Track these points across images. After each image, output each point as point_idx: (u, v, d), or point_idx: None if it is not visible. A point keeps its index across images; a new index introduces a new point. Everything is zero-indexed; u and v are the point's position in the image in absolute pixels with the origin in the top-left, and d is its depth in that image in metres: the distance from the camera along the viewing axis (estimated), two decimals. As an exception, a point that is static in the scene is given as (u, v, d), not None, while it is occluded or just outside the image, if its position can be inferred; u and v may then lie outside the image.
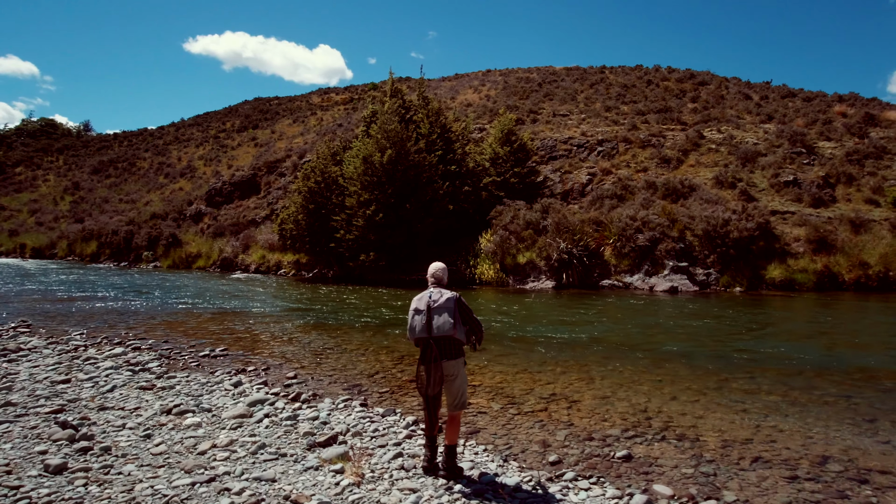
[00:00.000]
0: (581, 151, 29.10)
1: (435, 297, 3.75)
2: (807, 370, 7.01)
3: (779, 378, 6.61)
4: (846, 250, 17.03)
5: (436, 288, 3.86)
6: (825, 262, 16.80)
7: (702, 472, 3.93)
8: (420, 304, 3.78)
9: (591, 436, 4.66)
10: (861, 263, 16.43)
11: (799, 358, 7.71)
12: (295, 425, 4.64)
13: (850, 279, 16.30)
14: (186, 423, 4.59)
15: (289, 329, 10.27)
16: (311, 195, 22.73)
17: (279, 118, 61.92)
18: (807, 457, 4.22)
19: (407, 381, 6.42)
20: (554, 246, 18.98)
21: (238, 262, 28.56)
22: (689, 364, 7.41)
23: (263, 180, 38.02)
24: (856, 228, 18.16)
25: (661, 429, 4.81)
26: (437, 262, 4.06)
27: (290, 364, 7.27)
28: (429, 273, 3.99)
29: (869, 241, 17.28)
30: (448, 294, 3.74)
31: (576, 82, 45.29)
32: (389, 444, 4.26)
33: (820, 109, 32.17)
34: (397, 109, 23.38)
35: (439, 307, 3.67)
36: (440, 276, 3.94)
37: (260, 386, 5.98)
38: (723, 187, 23.20)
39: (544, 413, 5.29)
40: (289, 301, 15.36)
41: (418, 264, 21.95)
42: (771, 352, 8.19)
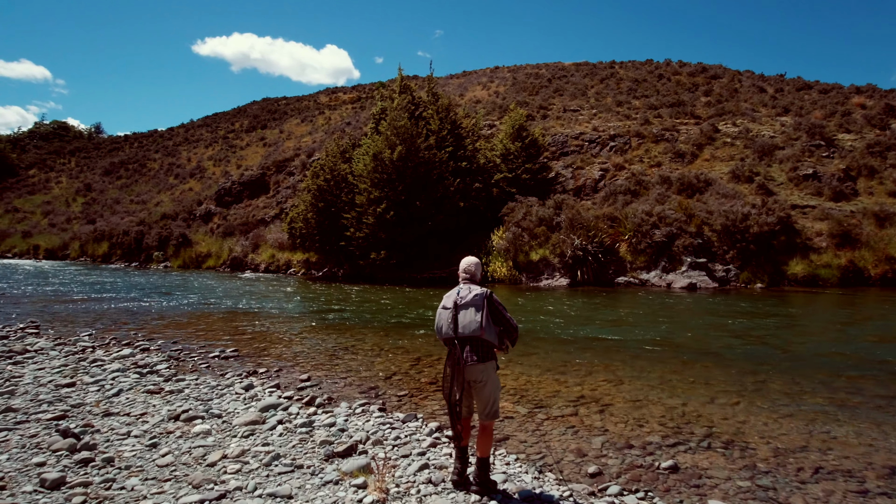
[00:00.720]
0: (593, 147, 28.61)
1: (463, 293, 3.41)
2: (847, 370, 6.60)
3: (819, 379, 6.21)
4: (871, 244, 16.48)
5: (466, 284, 3.53)
6: (849, 256, 16.26)
7: (759, 485, 3.57)
8: (448, 300, 3.46)
9: (630, 443, 4.30)
10: (887, 258, 15.88)
11: (835, 357, 7.30)
12: (311, 433, 4.33)
13: (877, 274, 15.76)
14: (195, 430, 4.29)
15: (300, 329, 9.99)
16: (321, 193, 22.49)
17: (287, 118, 61.88)
18: (871, 468, 3.84)
19: (426, 383, 6.10)
20: (568, 242, 18.57)
21: (248, 262, 28.42)
22: (720, 364, 7.02)
23: (272, 179, 37.91)
24: (880, 222, 17.57)
25: (704, 435, 4.45)
26: (469, 257, 3.71)
27: (303, 366, 6.98)
28: (460, 268, 3.65)
29: (895, 234, 16.70)
30: (477, 290, 3.39)
31: (585, 77, 44.72)
32: (413, 454, 3.94)
33: (838, 101, 31.43)
34: (407, 106, 23.07)
35: (466, 304, 3.33)
36: (472, 272, 3.59)
37: (272, 389, 5.69)
38: (739, 181, 22.63)
39: (574, 418, 4.94)
40: (299, 300, 15.11)
41: (429, 262, 21.65)
42: (804, 350, 7.78)
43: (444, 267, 21.34)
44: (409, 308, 12.89)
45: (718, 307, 12.43)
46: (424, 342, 8.55)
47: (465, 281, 3.56)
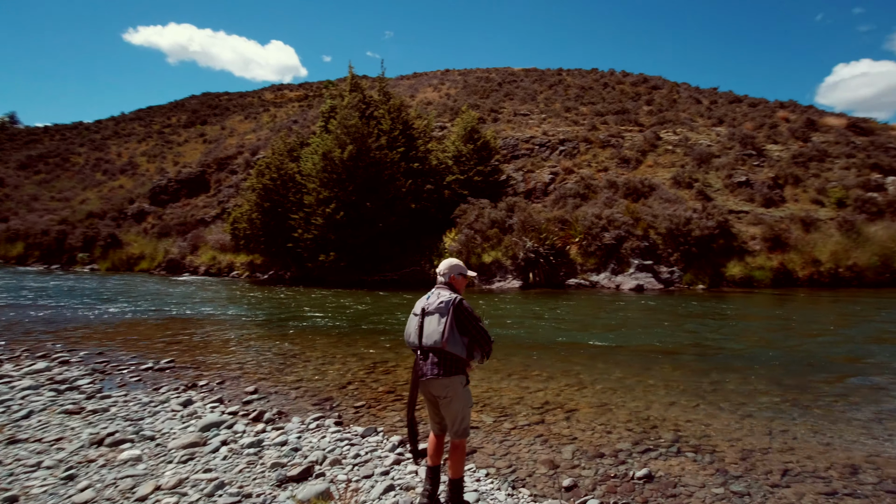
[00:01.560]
0: (543, 151, 29.09)
1: (432, 298, 3.13)
2: (794, 367, 6.84)
3: (770, 377, 6.38)
4: (799, 248, 17.59)
5: (439, 288, 3.24)
6: (780, 259, 17.29)
7: (734, 491, 3.50)
8: (418, 306, 3.18)
9: (601, 451, 4.16)
10: (813, 261, 16.99)
11: (779, 355, 7.58)
12: (260, 454, 3.89)
13: (804, 276, 16.83)
14: (122, 457, 3.75)
15: (245, 336, 9.34)
16: (267, 193, 21.50)
17: (229, 114, 59.24)
18: (834, 467, 3.88)
19: (384, 392, 5.75)
20: (520, 245, 18.67)
21: (186, 264, 26.77)
22: (675, 364, 7.10)
23: (213, 178, 36.03)
24: (806, 227, 18.83)
25: (672, 440, 4.38)
26: (450, 258, 3.41)
27: (249, 376, 6.44)
28: (437, 270, 3.36)
29: (819, 239, 17.92)
30: (446, 296, 3.09)
31: (535, 83, 45.58)
32: (376, 474, 3.60)
33: (765, 114, 33.61)
34: (358, 104, 22.51)
35: (432, 311, 3.04)
36: (445, 273, 3.29)
37: (214, 404, 5.15)
38: (680, 187, 23.66)
39: (542, 426, 4.76)
40: (244, 305, 14.26)
41: (380, 264, 21.17)
42: (751, 349, 8.04)
43: (395, 269, 20.94)
44: (361, 311, 12.44)
45: (666, 308, 12.79)
46: (379, 347, 8.17)
47: (440, 285, 3.27)
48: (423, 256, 20.90)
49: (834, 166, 24.89)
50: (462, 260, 19.91)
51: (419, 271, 20.50)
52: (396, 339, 8.94)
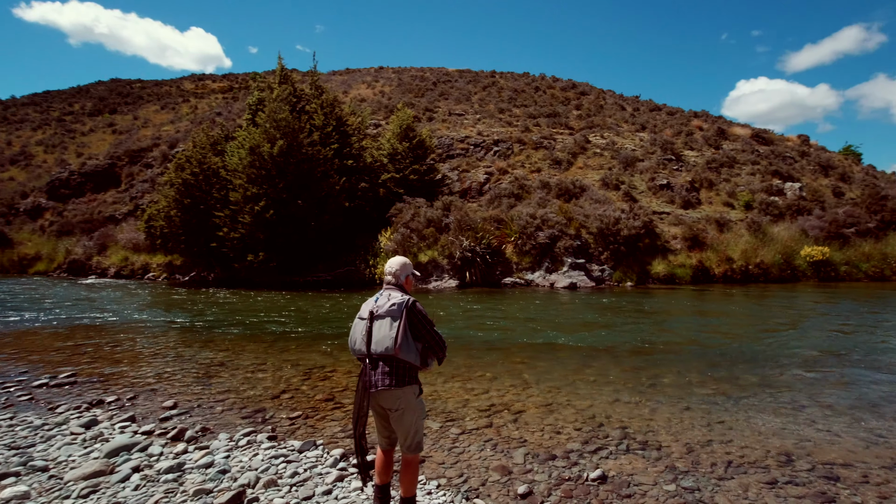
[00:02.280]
0: (478, 151, 29.35)
1: (381, 301, 2.85)
2: (720, 360, 7.18)
3: (700, 370, 6.64)
4: (714, 247, 18.90)
5: (388, 288, 2.95)
6: (699, 257, 18.47)
7: (684, 487, 3.50)
8: (364, 309, 2.89)
9: (553, 453, 4.06)
10: (727, 259, 18.31)
11: (707, 349, 7.96)
12: (180, 479, 3.41)
13: (720, 273, 18.09)
14: (4, 495, 3.14)
15: (163, 344, 8.49)
16: (187, 188, 20.00)
17: (144, 103, 54.96)
18: (770, 456, 4.02)
19: (322, 400, 5.35)
20: (457, 244, 18.64)
21: (92, 266, 24.37)
22: (614, 361, 7.25)
23: (125, 171, 33.13)
24: (720, 227, 20.28)
25: (620, 437, 4.37)
26: (397, 257, 3.11)
27: (168, 389, 5.78)
28: (385, 269, 3.06)
29: (732, 239, 19.36)
30: (398, 298, 2.83)
31: (469, 83, 46.01)
32: (318, 494, 3.25)
33: (682, 122, 36.00)
34: (288, 97, 21.51)
35: (382, 315, 2.77)
36: (396, 274, 3.00)
37: (125, 424, 4.53)
38: (609, 189, 24.73)
39: (491, 430, 4.60)
40: (161, 310, 13.08)
41: (313, 265, 20.35)
42: (681, 344, 8.40)
43: (329, 270, 20.22)
44: (293, 315, 11.79)
45: (599, 305, 13.20)
46: (315, 352, 7.70)
47: (389, 286, 2.98)
48: (358, 256, 20.33)
49: (742, 172, 27.09)
50: (399, 259, 19.70)
51: (354, 271, 19.91)
52: (333, 343, 8.50)
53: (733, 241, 19.14)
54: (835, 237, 18.75)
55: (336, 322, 10.62)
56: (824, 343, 8.26)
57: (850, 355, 7.39)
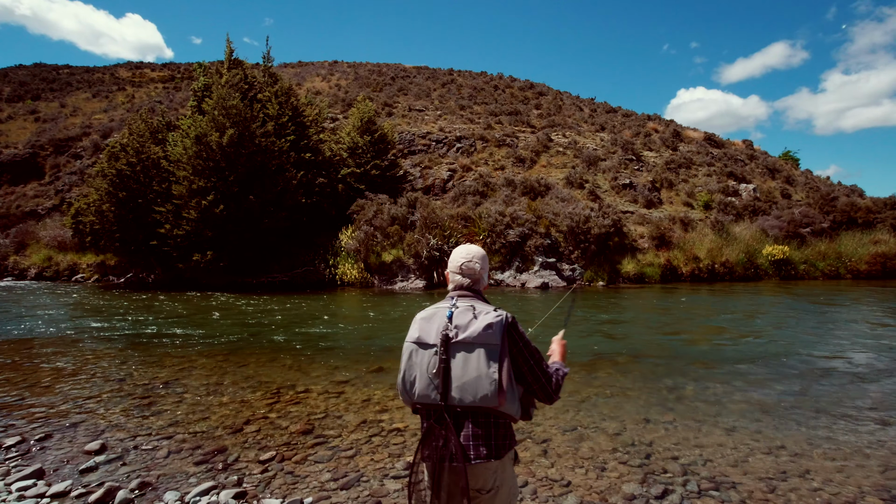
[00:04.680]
0: (440, 147, 28.48)
1: (460, 317, 1.78)
2: (732, 363, 6.62)
3: (722, 379, 6.03)
4: (681, 246, 18.88)
5: (463, 298, 1.89)
6: (667, 256, 18.38)
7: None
8: (427, 330, 1.81)
9: (611, 502, 3.21)
10: (694, 258, 18.32)
11: (712, 349, 7.43)
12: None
13: (687, 272, 18.06)
14: None
15: (91, 360, 7.06)
16: (122, 180, 17.98)
17: (72, 90, 50.59)
18: (867, 492, 3.34)
19: (299, 432, 4.28)
20: (423, 242, 17.68)
21: (9, 266, 21.65)
22: (619, 369, 6.55)
23: (49, 162, 29.97)
24: (685, 227, 20.36)
25: (680, 474, 3.59)
26: (469, 246, 2.02)
27: (94, 423, 4.52)
28: (452, 264, 1.97)
29: (696, 238, 19.43)
30: (489, 315, 1.78)
31: (428, 80, 45.10)
32: None
33: (639, 124, 36.60)
34: (239, 84, 19.83)
35: (468, 341, 1.74)
36: (477, 271, 1.94)
37: (27, 483, 3.30)
38: (573, 187, 24.48)
39: (520, 468, 3.70)
40: (89, 317, 11.37)
41: (267, 265, 18.82)
42: (681, 345, 7.84)
43: (285, 270, 18.75)
44: (248, 321, 10.47)
45: (577, 305, 12.60)
46: (279, 366, 6.56)
47: (462, 291, 1.92)
48: (316, 256, 18.97)
49: (699, 173, 27.60)
50: (361, 259, 18.46)
51: (312, 272, 18.55)
52: (298, 354, 7.36)
53: (698, 241, 19.21)
54: (793, 237, 19.18)
55: (298, 328, 9.43)
56: (831, 342, 7.92)
57: (878, 358, 7.02)
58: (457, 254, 1.99)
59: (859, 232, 19.40)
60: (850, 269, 18.01)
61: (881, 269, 17.67)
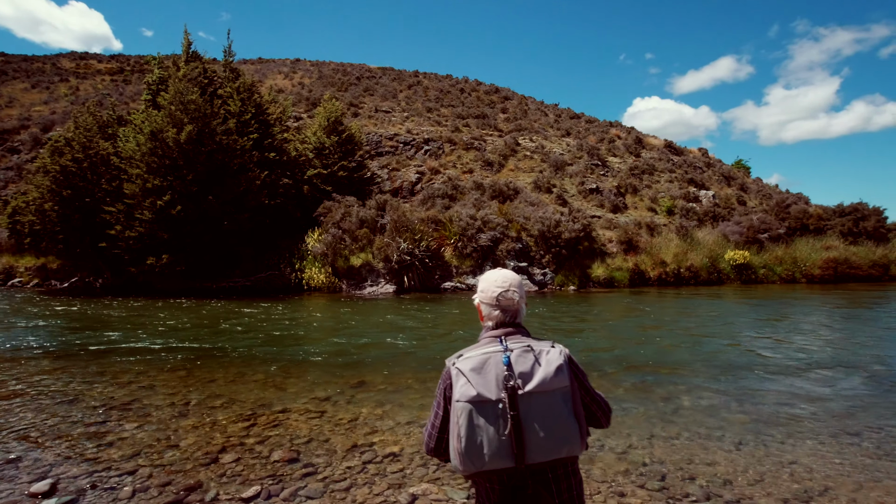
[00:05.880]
0: (408, 149, 28.09)
1: (522, 365, 1.48)
2: (716, 370, 6.57)
3: (715, 389, 5.95)
4: (648, 251, 19.20)
5: (512, 338, 1.57)
6: (635, 261, 18.64)
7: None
8: (483, 384, 1.47)
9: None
10: (661, 262, 18.66)
11: (698, 359, 7.39)
12: None
13: (654, 276, 18.36)
14: None
15: (36, 378, 6.31)
16: (67, 177, 16.71)
17: (8, 80, 47.27)
18: (887, 511, 3.23)
19: (284, 461, 3.83)
20: (394, 246, 17.24)
21: (-64, 271, 19.76)
22: (609, 379, 6.38)
23: (-16, 157, 27.71)
24: (651, 231, 20.75)
25: (702, 497, 3.37)
26: (501, 270, 1.73)
27: (42, 456, 3.91)
28: (489, 295, 1.65)
29: (662, 243, 19.82)
30: (553, 355, 1.52)
31: (393, 81, 44.60)
32: None
33: (603, 130, 37.33)
34: (198, 78, 18.86)
35: (540, 392, 1.46)
36: (513, 303, 1.64)
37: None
38: (541, 192, 24.60)
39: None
40: (31, 327, 10.36)
41: (228, 269, 17.90)
42: (662, 353, 7.77)
43: (247, 275, 17.90)
44: (212, 331, 9.78)
45: (549, 311, 12.50)
46: (249, 382, 6.04)
47: (506, 329, 1.61)
48: (282, 259, 18.20)
49: (661, 179, 28.32)
50: (328, 263, 17.81)
51: (277, 276, 17.78)
52: (269, 367, 6.84)
53: (664, 245, 19.59)
54: (752, 242, 19.85)
55: (266, 338, 8.85)
56: (801, 347, 8.04)
57: (853, 359, 7.13)
58: (489, 283, 1.68)
59: (812, 238, 20.30)
60: (805, 273, 18.78)
61: (833, 273, 18.51)
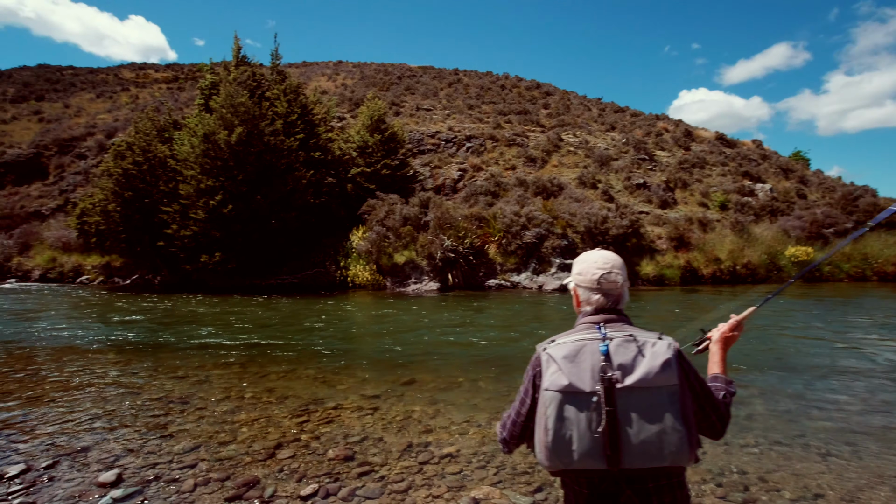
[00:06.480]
0: (449, 146, 28.02)
1: (622, 355, 1.31)
2: (802, 377, 6.11)
3: (791, 392, 5.52)
4: (701, 248, 18.36)
5: (612, 325, 1.41)
6: (686, 258, 17.86)
7: None
8: (577, 373, 1.30)
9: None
10: (715, 259, 17.79)
11: (767, 361, 6.92)
12: None
13: (708, 273, 17.53)
14: None
15: (101, 370, 6.59)
16: (128, 179, 17.54)
17: (76, 91, 50.28)
18: None
19: (339, 459, 3.78)
20: (437, 243, 17.19)
21: (12, 268, 21.23)
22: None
23: (53, 162, 29.60)
24: (703, 227, 19.83)
25: (788, 511, 3.09)
26: (603, 253, 1.54)
27: (108, 447, 4.03)
28: (582, 279, 1.52)
29: (716, 239, 18.90)
30: (660, 347, 1.33)
31: (434, 79, 44.66)
32: None
33: (649, 124, 36.07)
34: (247, 82, 19.40)
35: (641, 387, 1.28)
36: (617, 286, 1.47)
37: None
38: (586, 187, 23.97)
39: None
40: (94, 321, 10.90)
41: (275, 267, 18.35)
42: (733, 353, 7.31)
43: (294, 272, 18.28)
44: (262, 325, 9.99)
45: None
46: (301, 379, 6.07)
47: (606, 315, 1.44)
48: (327, 257, 18.49)
49: (713, 173, 27.06)
50: (372, 260, 17.96)
51: (322, 274, 18.07)
52: (319, 363, 6.87)
53: (718, 242, 18.68)
54: (816, 237, 18.64)
55: (314, 334, 8.94)
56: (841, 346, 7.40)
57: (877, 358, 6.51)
58: (588, 264, 1.51)
59: (884, 232, 18.85)
60: (876, 270, 17.47)
61: (909, 270, 17.12)
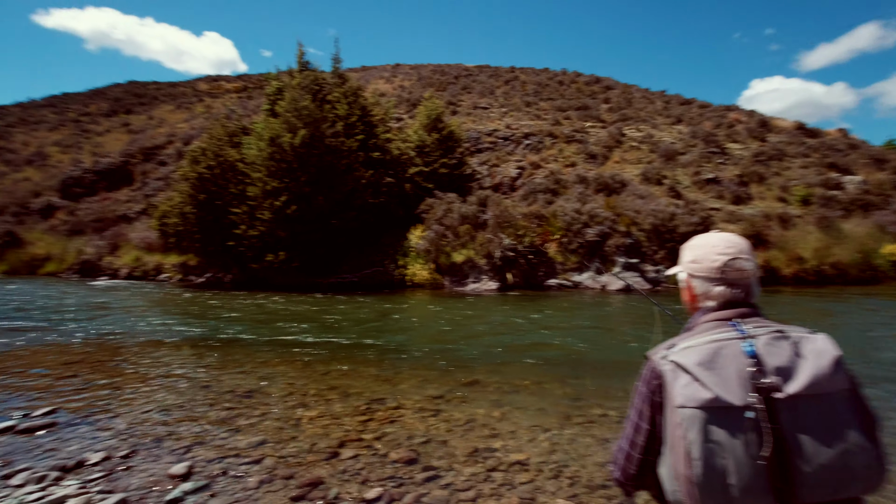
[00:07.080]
0: (507, 144, 27.64)
1: (776, 356, 1.03)
2: None
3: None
4: (781, 246, 16.99)
5: (750, 321, 1.12)
6: (764, 257, 16.57)
7: None
8: (720, 382, 1.01)
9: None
10: (797, 258, 16.39)
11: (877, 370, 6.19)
12: None
13: (790, 273, 16.18)
14: None
15: (175, 364, 6.91)
16: (202, 183, 18.54)
17: (158, 104, 54.09)
18: None
19: (403, 461, 3.68)
20: (496, 242, 16.94)
21: (103, 266, 23.08)
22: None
23: (138, 169, 31.96)
24: (784, 224, 18.34)
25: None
26: (724, 236, 1.23)
27: (179, 440, 4.15)
28: (701, 267, 1.21)
29: (798, 236, 17.42)
30: (821, 343, 1.05)
31: (490, 78, 44.35)
32: None
33: (719, 115, 33.95)
34: (309, 86, 20.00)
35: (811, 394, 0.99)
36: (747, 274, 1.18)
37: (111, 512, 2.91)
38: (651, 183, 22.85)
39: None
40: (174, 316, 11.56)
41: (336, 266, 18.79)
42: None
43: (354, 270, 18.64)
44: (323, 322, 10.18)
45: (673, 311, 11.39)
46: (363, 377, 6.06)
47: (739, 310, 1.16)
48: (385, 256, 18.73)
49: (793, 165, 25.02)
50: (431, 259, 17.98)
51: (381, 272, 18.31)
52: (381, 360, 6.86)
53: (801, 239, 17.20)
54: (919, 234, 16.74)
55: (375, 332, 8.99)
56: None
57: None
58: (706, 249, 1.22)
59: None
60: None
61: None
